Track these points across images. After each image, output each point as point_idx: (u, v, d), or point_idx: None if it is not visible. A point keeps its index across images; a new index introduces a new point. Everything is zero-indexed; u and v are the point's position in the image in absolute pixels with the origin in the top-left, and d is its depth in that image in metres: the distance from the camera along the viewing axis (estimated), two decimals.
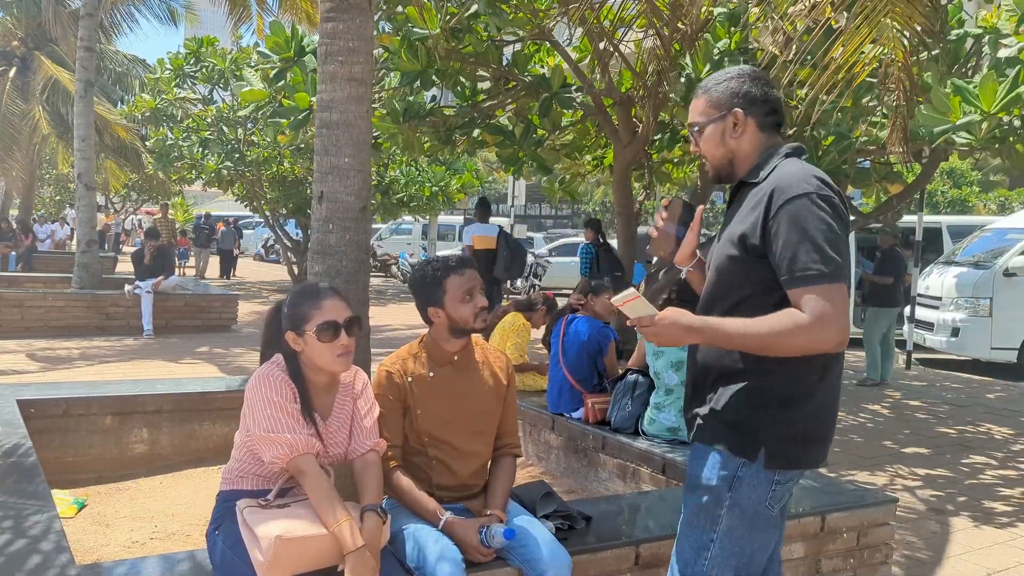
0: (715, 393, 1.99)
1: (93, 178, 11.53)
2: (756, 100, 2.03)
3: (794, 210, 1.84)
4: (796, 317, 1.81)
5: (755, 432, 1.92)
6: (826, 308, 1.78)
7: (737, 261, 1.96)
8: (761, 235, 1.90)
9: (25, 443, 3.54)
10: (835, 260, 1.80)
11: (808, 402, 1.92)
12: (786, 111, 6.42)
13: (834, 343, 1.82)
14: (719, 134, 2.05)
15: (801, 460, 1.96)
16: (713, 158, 2.09)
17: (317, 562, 2.14)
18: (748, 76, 2.05)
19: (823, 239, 1.81)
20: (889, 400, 7.94)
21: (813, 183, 1.87)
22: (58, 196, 32.23)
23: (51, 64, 19.07)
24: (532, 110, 7.84)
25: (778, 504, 1.98)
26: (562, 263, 18.80)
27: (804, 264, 1.81)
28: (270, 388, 2.27)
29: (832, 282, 1.80)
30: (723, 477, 1.95)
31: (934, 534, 4.32)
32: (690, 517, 2.03)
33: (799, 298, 1.82)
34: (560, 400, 4.95)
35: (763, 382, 1.92)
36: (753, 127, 2.03)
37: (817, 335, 1.79)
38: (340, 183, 3.35)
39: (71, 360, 8.24)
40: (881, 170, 7.73)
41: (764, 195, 1.91)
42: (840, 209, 1.87)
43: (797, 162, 1.97)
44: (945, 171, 26.99)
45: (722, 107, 2.04)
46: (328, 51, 3.39)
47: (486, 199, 10.16)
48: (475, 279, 2.58)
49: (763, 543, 1.98)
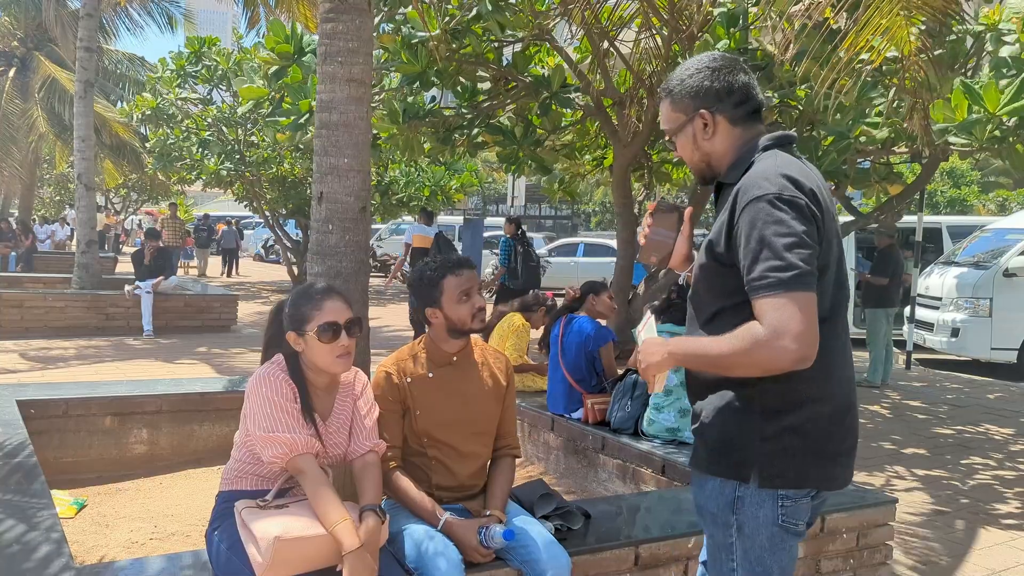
0: (702, 410, 1.88)
1: (93, 178, 11.53)
2: (721, 94, 1.86)
3: (753, 213, 1.70)
4: (754, 330, 1.65)
5: (742, 450, 1.78)
6: (782, 319, 1.62)
7: (707, 270, 1.85)
8: (727, 241, 1.77)
9: (25, 443, 3.54)
10: (796, 267, 1.63)
11: (799, 412, 1.76)
12: (786, 111, 6.47)
13: (792, 359, 1.63)
14: (690, 138, 1.92)
15: (808, 477, 1.78)
16: (691, 163, 1.96)
17: (316, 562, 2.14)
18: (708, 68, 1.88)
19: (782, 245, 1.65)
20: (889, 401, 7.93)
21: (777, 183, 1.71)
22: (58, 196, 32.24)
23: (50, 64, 19.08)
24: (532, 110, 7.85)
25: (800, 520, 1.81)
26: (562, 263, 18.80)
27: (761, 272, 1.66)
28: (270, 388, 2.27)
29: (791, 290, 1.62)
30: (724, 503, 1.82)
31: (934, 535, 4.32)
32: (710, 554, 1.91)
33: (759, 309, 1.66)
34: (560, 400, 4.95)
35: (745, 392, 1.78)
36: (724, 124, 1.88)
37: (774, 349, 1.62)
38: (340, 183, 3.35)
39: (71, 360, 8.23)
40: (881, 170, 7.73)
41: (733, 195, 1.78)
42: (806, 210, 1.69)
43: (772, 156, 1.81)
44: (945, 171, 27.00)
45: (687, 110, 1.90)
46: (328, 52, 3.39)
47: (428, 210, 12.52)
48: (472, 280, 2.57)
49: (788, 559, 1.83)
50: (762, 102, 1.95)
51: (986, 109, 4.60)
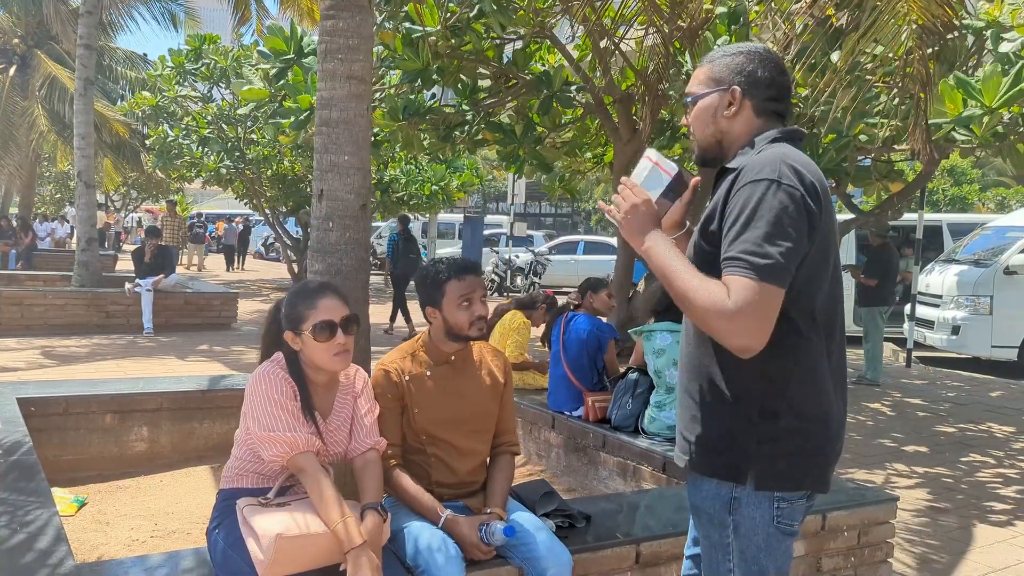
0: (696, 411, 1.86)
1: (93, 176, 11.53)
2: (760, 82, 1.85)
3: (748, 194, 1.68)
4: (721, 298, 1.63)
5: (739, 452, 1.77)
6: (749, 302, 1.61)
7: (700, 253, 1.81)
8: (720, 218, 1.74)
9: (25, 441, 3.54)
10: (772, 257, 1.62)
11: (796, 414, 1.75)
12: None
13: (743, 343, 1.64)
14: (711, 110, 1.88)
15: (805, 480, 1.79)
16: (701, 136, 1.92)
17: (317, 560, 2.14)
18: (759, 55, 1.86)
19: (766, 232, 1.63)
20: (889, 398, 7.93)
21: (778, 170, 1.69)
22: (58, 194, 32.22)
23: (50, 62, 19.07)
24: (532, 108, 7.83)
25: (795, 521, 1.81)
26: (562, 261, 18.81)
27: (739, 252, 1.64)
28: (270, 386, 2.27)
29: (763, 280, 1.61)
30: (721, 504, 1.81)
31: (934, 532, 4.32)
32: (706, 554, 1.90)
33: (727, 282, 1.65)
34: (560, 398, 4.95)
35: (742, 394, 1.77)
36: (749, 110, 1.86)
37: (729, 326, 1.62)
38: (340, 181, 3.35)
39: (71, 358, 8.23)
40: (882, 168, 7.72)
41: (732, 175, 1.76)
42: (803, 206, 1.67)
43: (780, 146, 1.79)
44: (946, 169, 26.98)
45: (722, 82, 1.87)
46: (328, 49, 3.38)
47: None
48: (476, 286, 2.54)
49: (784, 558, 1.83)
50: (791, 111, 1.94)
51: (983, 103, 4.58)
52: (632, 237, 1.83)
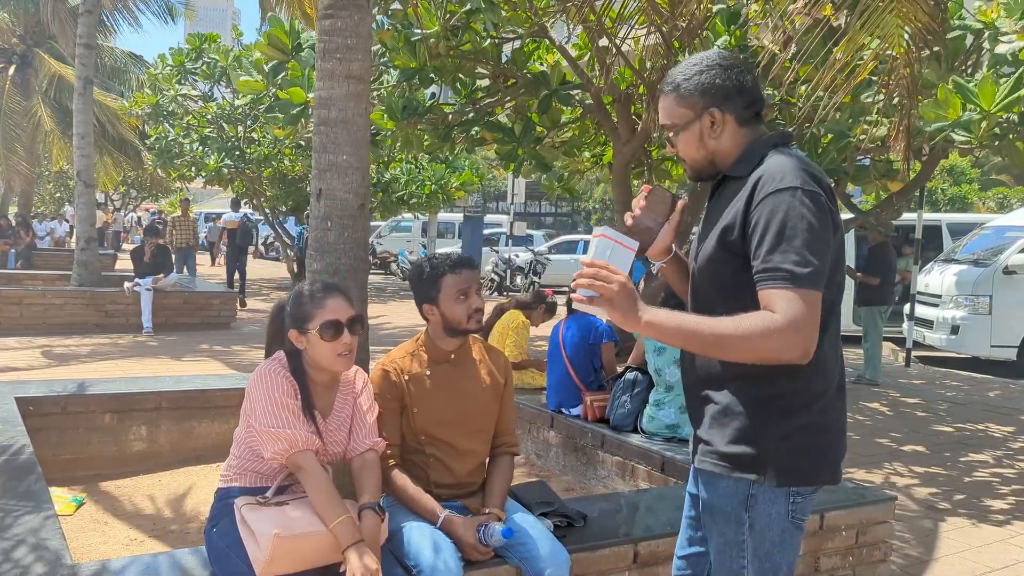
0: (712, 408, 1.86)
1: (92, 176, 11.52)
2: (731, 93, 1.84)
3: (774, 203, 1.70)
4: (768, 319, 1.64)
5: (760, 449, 1.78)
6: (797, 312, 1.63)
7: (716, 262, 1.83)
8: (742, 227, 1.76)
9: (23, 440, 3.54)
10: (812, 264, 1.66)
11: (812, 410, 1.78)
12: (786, 109, 6.45)
13: (801, 352, 1.66)
14: (696, 135, 1.88)
15: (821, 474, 1.82)
16: (692, 160, 1.92)
17: (315, 560, 2.14)
18: (718, 66, 1.85)
19: (802, 240, 1.66)
20: (888, 398, 7.94)
21: (801, 177, 1.73)
22: (58, 193, 32.18)
23: (53, 61, 19.05)
24: (531, 107, 7.83)
25: (807, 515, 1.86)
26: (562, 260, 18.81)
27: (778, 263, 1.66)
28: (271, 384, 2.27)
29: (805, 287, 1.65)
30: (738, 501, 1.82)
31: (933, 532, 4.32)
32: (719, 551, 1.89)
33: (770, 298, 1.66)
34: (559, 396, 4.95)
35: (761, 391, 1.78)
36: (732, 123, 1.86)
37: (789, 340, 1.63)
38: (339, 180, 3.34)
39: (70, 357, 8.23)
40: (881, 168, 7.72)
41: (749, 185, 1.77)
42: (826, 208, 1.73)
43: (787, 153, 1.82)
44: (945, 169, 26.97)
45: (696, 107, 1.86)
46: (326, 48, 3.38)
47: (238, 199, 16.77)
48: (472, 279, 2.55)
49: (794, 554, 1.87)
50: (764, 104, 1.95)
51: (981, 107, 4.59)
52: (627, 317, 1.73)
